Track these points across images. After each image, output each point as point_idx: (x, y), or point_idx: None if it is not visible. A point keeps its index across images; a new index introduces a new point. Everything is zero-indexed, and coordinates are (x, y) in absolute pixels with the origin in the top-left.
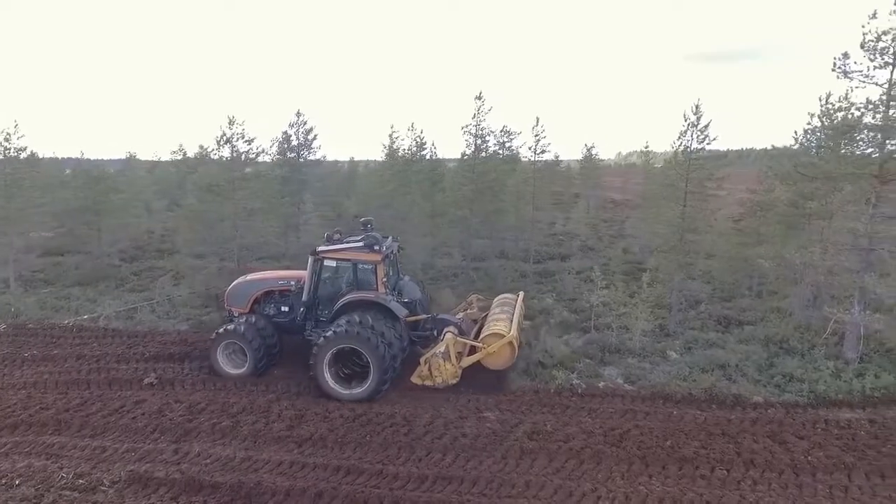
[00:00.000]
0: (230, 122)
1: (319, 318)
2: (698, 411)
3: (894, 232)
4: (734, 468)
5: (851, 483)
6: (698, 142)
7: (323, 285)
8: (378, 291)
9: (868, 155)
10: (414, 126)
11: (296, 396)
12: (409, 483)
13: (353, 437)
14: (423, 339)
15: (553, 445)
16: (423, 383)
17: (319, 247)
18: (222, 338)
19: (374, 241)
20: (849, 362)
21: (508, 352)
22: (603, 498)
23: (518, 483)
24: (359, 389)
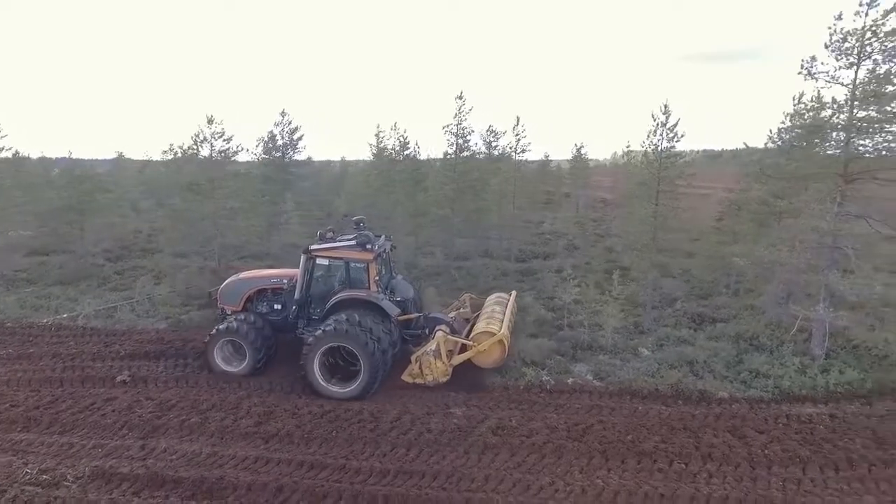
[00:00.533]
0: (209, 122)
1: (312, 316)
2: (663, 407)
3: (858, 230)
4: (692, 462)
5: (805, 476)
6: (668, 140)
7: (315, 284)
8: (370, 290)
9: (833, 154)
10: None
11: (267, 393)
12: (371, 477)
13: (319, 433)
14: (415, 338)
15: (516, 440)
16: (414, 381)
17: (312, 245)
18: (220, 336)
19: (366, 239)
20: (815, 359)
21: (499, 350)
22: (560, 491)
23: (478, 477)
24: (349, 388)
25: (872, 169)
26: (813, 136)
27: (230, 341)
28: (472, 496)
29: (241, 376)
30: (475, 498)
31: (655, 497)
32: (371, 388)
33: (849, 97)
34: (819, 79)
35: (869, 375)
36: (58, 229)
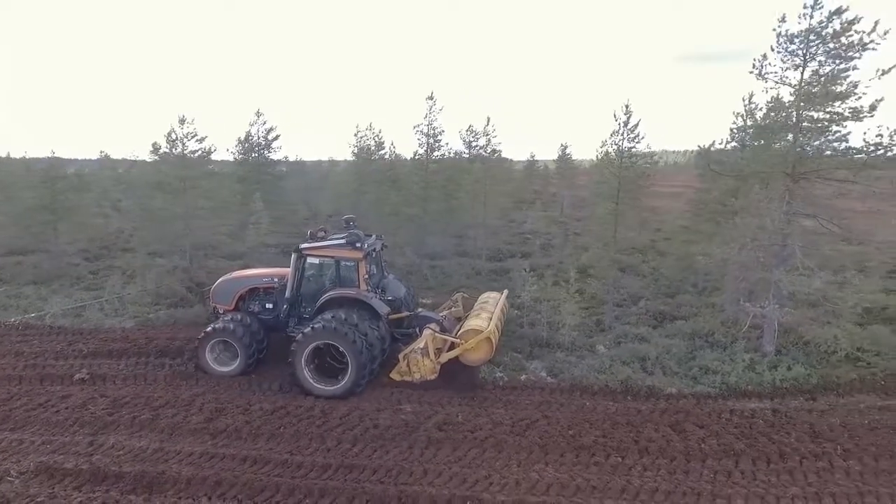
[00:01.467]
0: (181, 122)
1: (303, 314)
2: (611, 403)
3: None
4: (629, 455)
5: (736, 468)
6: (629, 141)
7: (306, 282)
8: (360, 288)
9: (781, 154)
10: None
11: (224, 390)
12: (312, 472)
13: (267, 429)
14: (405, 337)
15: (459, 435)
16: (402, 379)
17: (303, 244)
18: (211, 336)
19: (356, 238)
20: (766, 355)
21: (486, 347)
22: (495, 484)
23: (416, 471)
24: (336, 385)
25: (819, 169)
26: (761, 137)
27: (222, 341)
28: (407, 489)
29: (232, 376)
30: (409, 490)
31: (587, 489)
32: (358, 386)
33: (795, 98)
34: (768, 79)
35: (815, 371)
36: (32, 229)
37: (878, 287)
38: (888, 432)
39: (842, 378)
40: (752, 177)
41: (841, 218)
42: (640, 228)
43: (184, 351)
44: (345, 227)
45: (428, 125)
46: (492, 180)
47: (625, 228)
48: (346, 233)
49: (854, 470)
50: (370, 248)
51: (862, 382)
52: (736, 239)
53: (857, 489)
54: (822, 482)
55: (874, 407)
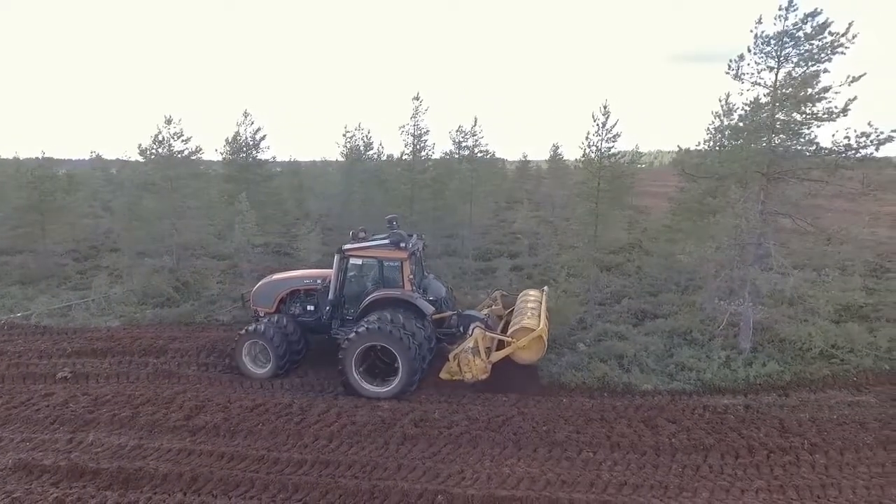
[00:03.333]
0: (167, 122)
1: (345, 316)
2: (588, 399)
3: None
4: (600, 450)
5: (705, 463)
6: (606, 141)
7: (349, 284)
8: (405, 289)
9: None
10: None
11: (205, 388)
12: (288, 467)
13: (245, 426)
14: (448, 336)
15: (434, 432)
16: (453, 379)
17: (345, 245)
18: (246, 338)
19: (399, 238)
20: (741, 352)
21: (538, 346)
22: (467, 478)
23: (390, 466)
24: (388, 387)
25: (793, 169)
26: (737, 137)
27: (257, 343)
28: (380, 484)
29: (265, 378)
30: (382, 485)
31: (557, 483)
32: (410, 387)
33: (770, 99)
34: (745, 80)
35: (789, 368)
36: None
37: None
38: (855, 427)
39: (815, 374)
40: (729, 177)
41: (814, 217)
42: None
43: (167, 350)
44: (387, 227)
45: (414, 125)
46: (478, 180)
47: (607, 228)
48: (389, 233)
49: (819, 463)
50: (413, 247)
51: (835, 379)
52: (713, 238)
53: (821, 482)
54: (788, 475)
55: (844, 402)
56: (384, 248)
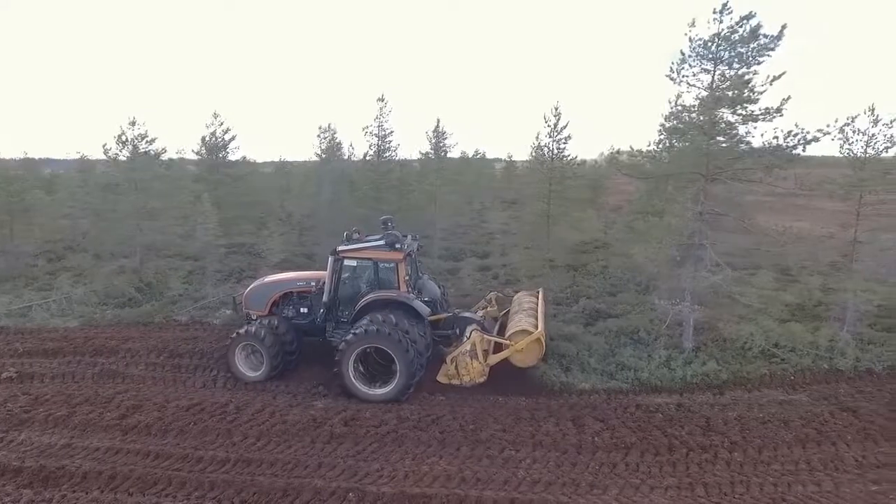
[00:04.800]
0: (131, 124)
1: (340, 318)
2: (524, 398)
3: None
4: (523, 449)
5: (623, 460)
6: (556, 143)
7: (343, 285)
8: (400, 290)
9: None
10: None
11: (148, 388)
12: (211, 465)
13: (177, 425)
14: (444, 338)
15: (362, 431)
16: (450, 382)
17: (339, 246)
18: (239, 340)
19: (395, 239)
20: (683, 351)
21: (537, 348)
22: (384, 476)
23: (311, 464)
24: (385, 389)
25: (731, 168)
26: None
27: (251, 345)
28: (295, 481)
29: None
30: (296, 483)
31: (471, 481)
32: (408, 389)
33: (707, 100)
34: (683, 82)
35: (727, 367)
36: None
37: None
38: (778, 425)
39: (752, 374)
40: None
41: (750, 217)
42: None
43: (118, 350)
44: (382, 228)
45: (378, 127)
46: (444, 181)
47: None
48: (384, 234)
49: (735, 461)
50: (409, 248)
51: (772, 378)
52: (657, 238)
53: (731, 479)
54: (701, 472)
55: (775, 401)
56: (379, 250)
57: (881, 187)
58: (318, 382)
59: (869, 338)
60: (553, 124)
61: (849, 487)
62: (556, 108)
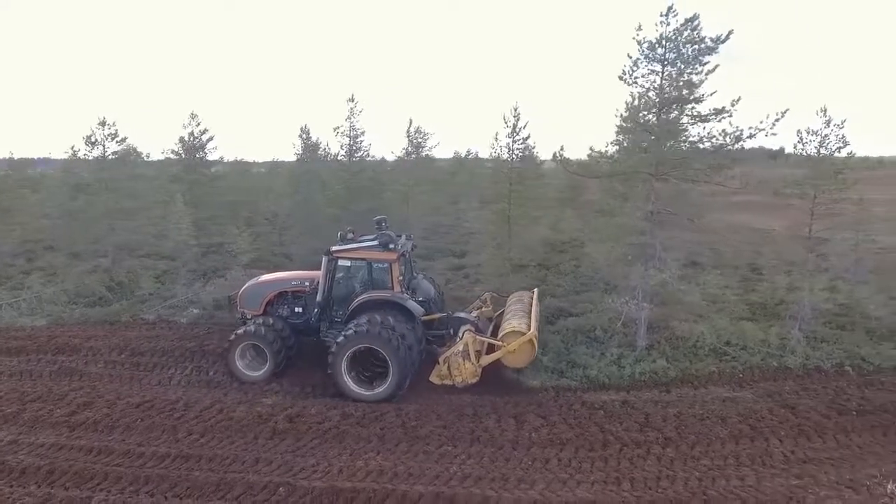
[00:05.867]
0: (101, 124)
1: (334, 318)
2: (474, 396)
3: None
4: (460, 444)
5: (556, 455)
6: (515, 143)
7: (337, 285)
8: (394, 290)
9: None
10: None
11: (104, 385)
12: (150, 461)
13: (124, 422)
14: (438, 338)
15: (305, 427)
16: (443, 383)
17: (333, 246)
18: (240, 340)
19: (388, 239)
20: (635, 349)
21: (529, 349)
22: (318, 471)
23: (249, 460)
24: (378, 390)
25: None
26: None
27: (252, 345)
28: (228, 476)
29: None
30: (229, 478)
31: (403, 475)
32: (400, 390)
33: (656, 101)
34: (636, 83)
35: (676, 365)
36: None
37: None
38: (715, 422)
39: (700, 371)
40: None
41: (700, 216)
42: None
43: (81, 348)
44: (376, 229)
45: (350, 127)
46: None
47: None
48: (378, 234)
49: (667, 456)
50: (403, 248)
51: (720, 375)
52: (611, 237)
53: (658, 474)
54: (631, 468)
55: (719, 398)
56: (373, 250)
57: (833, 186)
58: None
59: (822, 336)
60: (513, 125)
61: (770, 482)
62: (516, 110)
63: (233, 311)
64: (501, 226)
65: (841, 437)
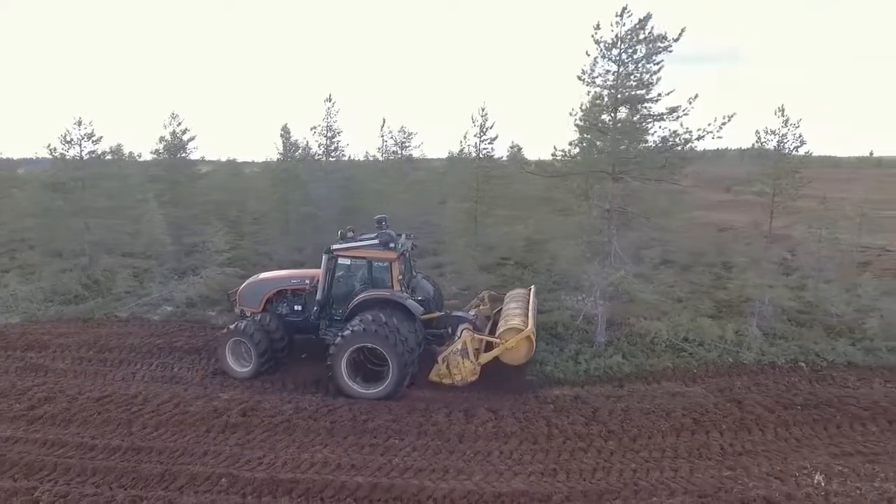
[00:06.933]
0: (77, 124)
1: (333, 316)
2: (430, 391)
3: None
4: (407, 438)
5: (499, 448)
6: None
7: (337, 284)
8: (393, 289)
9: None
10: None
11: (69, 380)
12: (101, 453)
13: (81, 416)
14: (437, 337)
15: (257, 420)
16: (442, 381)
17: (334, 245)
18: (227, 336)
19: (388, 238)
20: (594, 346)
21: (526, 346)
22: (264, 463)
23: (198, 452)
24: (378, 388)
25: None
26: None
27: (240, 342)
28: (173, 468)
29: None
30: (174, 469)
31: (346, 467)
32: (400, 388)
33: (611, 101)
34: (594, 83)
35: (632, 361)
36: None
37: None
38: (660, 416)
39: (655, 367)
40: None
41: (655, 214)
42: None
43: (50, 345)
44: (376, 227)
45: (327, 126)
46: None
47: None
48: (378, 233)
49: (607, 449)
50: (402, 248)
51: (674, 371)
52: (569, 235)
53: (595, 465)
54: (570, 460)
55: (669, 393)
56: (373, 249)
57: (791, 188)
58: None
59: (782, 333)
60: (480, 125)
61: (703, 473)
62: (483, 110)
63: (232, 308)
64: (468, 224)
65: (781, 430)
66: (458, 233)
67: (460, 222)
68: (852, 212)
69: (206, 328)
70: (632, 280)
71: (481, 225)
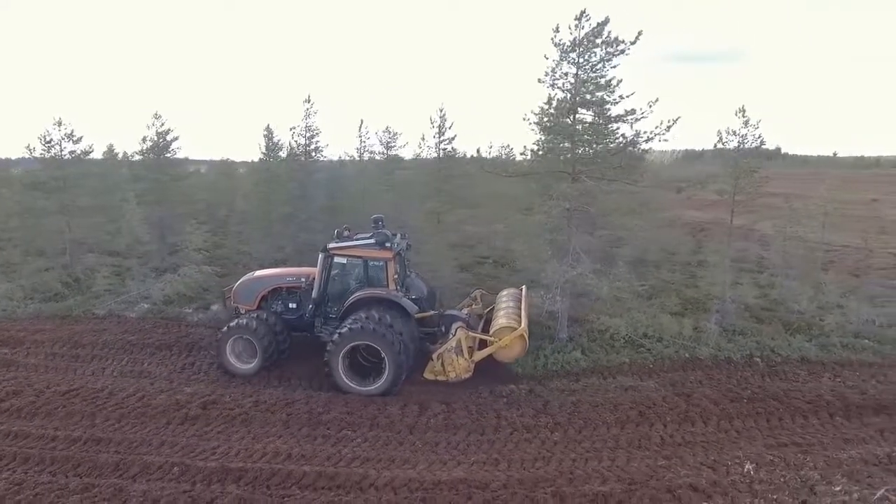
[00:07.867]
0: (57, 124)
1: (329, 315)
2: None
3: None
4: (360, 429)
5: (447, 439)
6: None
7: (333, 282)
8: (389, 288)
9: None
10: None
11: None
12: (61, 444)
13: (46, 408)
14: (430, 336)
15: (216, 413)
16: (436, 378)
17: (330, 244)
18: (231, 333)
19: (384, 237)
20: (555, 341)
21: (520, 344)
22: (217, 453)
23: (154, 442)
24: (374, 385)
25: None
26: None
27: (242, 338)
28: (128, 458)
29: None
30: (128, 458)
31: (296, 457)
32: (396, 385)
33: (569, 102)
34: (554, 85)
35: (590, 356)
36: None
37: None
38: (607, 408)
39: (612, 362)
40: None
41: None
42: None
43: (24, 341)
44: (372, 227)
45: (305, 126)
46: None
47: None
48: (374, 232)
49: (551, 440)
50: (398, 247)
51: (631, 366)
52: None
53: (536, 455)
54: (513, 450)
55: (622, 387)
56: (369, 248)
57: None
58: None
59: (741, 329)
60: (438, 126)
61: (638, 463)
62: (441, 111)
63: (226, 305)
64: (431, 224)
65: (724, 422)
66: (428, 231)
67: (425, 221)
68: (816, 210)
69: (181, 325)
70: (588, 277)
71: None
